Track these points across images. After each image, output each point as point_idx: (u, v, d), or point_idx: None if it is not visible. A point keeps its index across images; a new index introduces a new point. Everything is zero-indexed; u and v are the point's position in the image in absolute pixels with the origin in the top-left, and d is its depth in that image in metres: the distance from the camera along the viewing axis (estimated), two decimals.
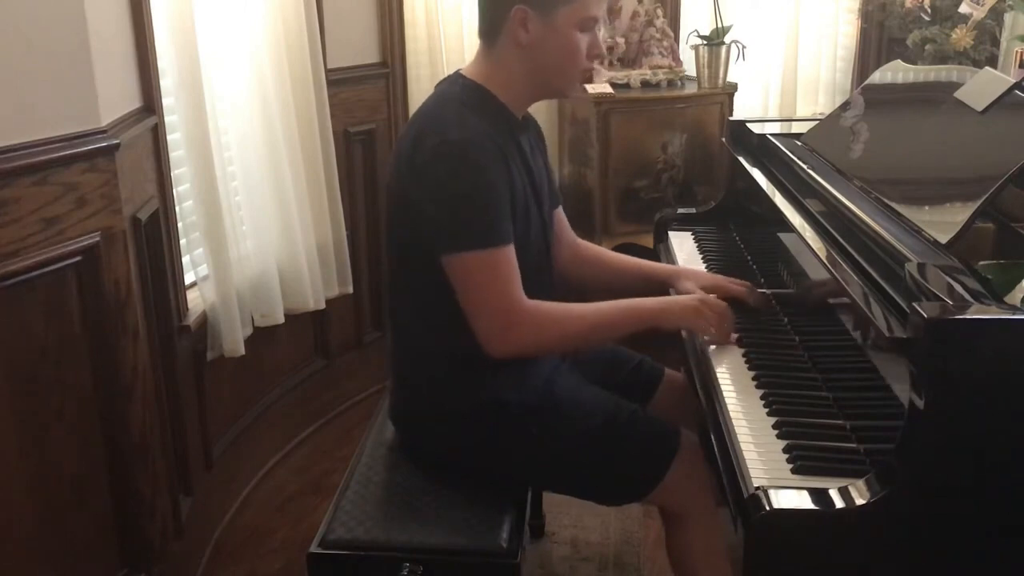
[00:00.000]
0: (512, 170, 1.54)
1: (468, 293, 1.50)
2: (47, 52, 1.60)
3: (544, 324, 1.54)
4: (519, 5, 1.51)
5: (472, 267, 1.48)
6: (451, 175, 1.47)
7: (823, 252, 1.45)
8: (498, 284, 1.49)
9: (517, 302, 1.50)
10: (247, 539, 2.35)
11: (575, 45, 1.55)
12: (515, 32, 1.53)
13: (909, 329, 1.11)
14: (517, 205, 1.54)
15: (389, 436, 1.75)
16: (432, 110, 1.58)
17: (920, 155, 1.61)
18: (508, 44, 1.55)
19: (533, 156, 1.67)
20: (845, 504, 1.12)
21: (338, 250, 2.71)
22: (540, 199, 1.65)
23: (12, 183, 1.53)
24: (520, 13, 1.52)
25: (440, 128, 1.50)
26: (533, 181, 1.63)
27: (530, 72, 1.57)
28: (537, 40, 1.53)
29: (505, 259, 1.49)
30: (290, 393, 2.74)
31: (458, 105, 1.54)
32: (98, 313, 1.72)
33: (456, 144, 1.47)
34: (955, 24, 2.82)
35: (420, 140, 1.51)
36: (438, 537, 1.49)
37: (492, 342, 1.51)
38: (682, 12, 3.50)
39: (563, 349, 1.67)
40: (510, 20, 1.53)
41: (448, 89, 1.60)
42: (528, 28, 1.52)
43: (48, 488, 1.67)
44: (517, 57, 1.56)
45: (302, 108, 2.49)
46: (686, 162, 3.25)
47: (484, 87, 1.58)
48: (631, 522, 2.33)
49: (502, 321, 1.50)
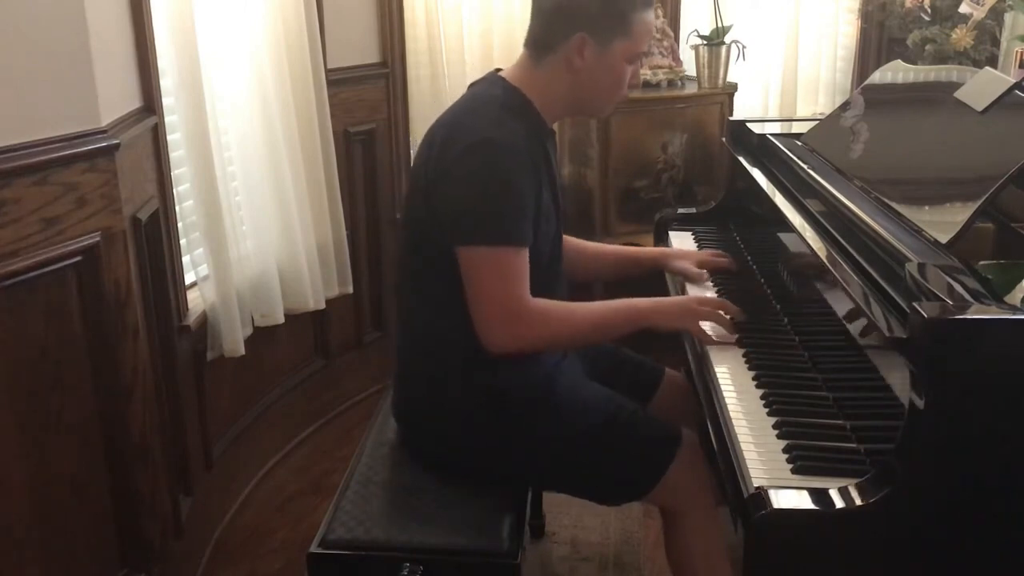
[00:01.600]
0: (541, 177, 1.57)
1: (475, 286, 1.52)
2: (47, 52, 1.60)
3: (544, 322, 1.56)
4: (582, 32, 1.55)
5: (484, 261, 1.50)
6: (482, 171, 1.50)
7: (823, 252, 1.45)
8: (506, 282, 1.51)
9: (522, 298, 1.52)
10: (247, 539, 2.35)
11: (622, 76, 1.62)
12: (570, 55, 1.57)
13: (909, 329, 1.11)
14: (541, 211, 1.57)
15: (390, 435, 1.75)
16: (470, 107, 1.60)
17: (920, 155, 1.61)
18: (559, 63, 1.59)
19: (555, 166, 1.70)
20: (845, 504, 1.12)
21: (338, 250, 2.71)
22: (558, 207, 1.68)
23: (12, 183, 1.53)
24: (580, 40, 1.56)
25: (479, 125, 1.53)
26: (555, 190, 1.66)
27: (573, 92, 1.62)
28: (589, 67, 1.58)
29: (518, 260, 1.51)
30: (290, 393, 2.74)
31: (498, 106, 1.57)
32: (98, 313, 1.72)
33: (492, 143, 1.50)
34: (955, 24, 2.82)
35: (457, 133, 1.54)
36: (438, 537, 1.49)
37: (492, 336, 1.53)
38: (682, 12, 3.50)
39: (562, 347, 1.70)
40: (568, 43, 1.56)
41: (488, 90, 1.62)
42: (584, 55, 1.57)
43: (48, 488, 1.67)
44: (565, 77, 1.60)
45: (302, 108, 2.49)
46: (686, 162, 3.25)
47: (524, 94, 1.61)
48: (631, 522, 2.33)
49: (504, 316, 1.52)
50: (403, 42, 2.99)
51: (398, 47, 2.98)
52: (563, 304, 1.61)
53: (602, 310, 1.62)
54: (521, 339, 1.54)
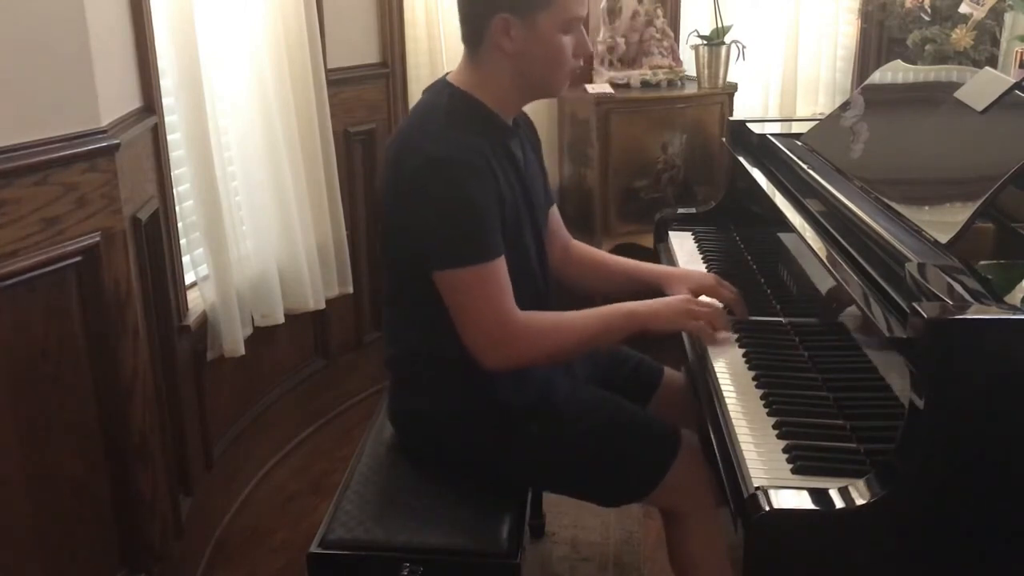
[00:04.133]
0: (500, 181, 1.52)
1: (460, 308, 1.49)
2: (47, 52, 1.60)
3: (537, 337, 1.53)
4: (500, 14, 1.50)
5: (462, 283, 1.47)
6: (435, 193, 1.46)
7: (823, 252, 1.45)
8: (489, 299, 1.48)
9: (509, 315, 1.49)
10: (247, 539, 2.35)
11: (560, 48, 1.54)
12: (499, 40, 1.52)
13: (909, 329, 1.10)
14: (507, 216, 1.53)
15: (389, 436, 1.75)
16: (416, 124, 1.56)
17: (920, 155, 1.61)
18: (493, 51, 1.54)
19: (526, 160, 1.65)
20: (845, 504, 1.12)
21: (338, 250, 2.71)
22: (533, 205, 1.64)
23: (12, 183, 1.53)
24: (502, 22, 1.51)
25: (423, 145, 1.48)
26: (525, 188, 1.62)
27: (518, 77, 1.56)
28: (522, 46, 1.52)
29: (495, 273, 1.48)
30: (290, 393, 2.74)
31: (443, 117, 1.52)
32: (98, 313, 1.72)
33: (440, 161, 1.46)
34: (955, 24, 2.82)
35: (404, 155, 1.50)
36: (438, 537, 1.49)
37: (486, 356, 1.50)
38: (682, 12, 3.51)
39: (557, 360, 1.65)
40: (492, 28, 1.52)
41: (434, 99, 1.58)
42: (512, 35, 1.51)
43: (48, 488, 1.67)
44: (503, 64, 1.55)
45: (302, 108, 2.49)
46: (686, 162, 3.25)
47: (472, 95, 1.56)
48: (631, 522, 2.33)
49: (495, 336, 1.49)
50: (403, 42, 2.99)
51: (398, 47, 2.98)
52: (554, 316, 1.57)
53: (596, 318, 1.58)
54: (514, 357, 1.51)
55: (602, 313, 1.59)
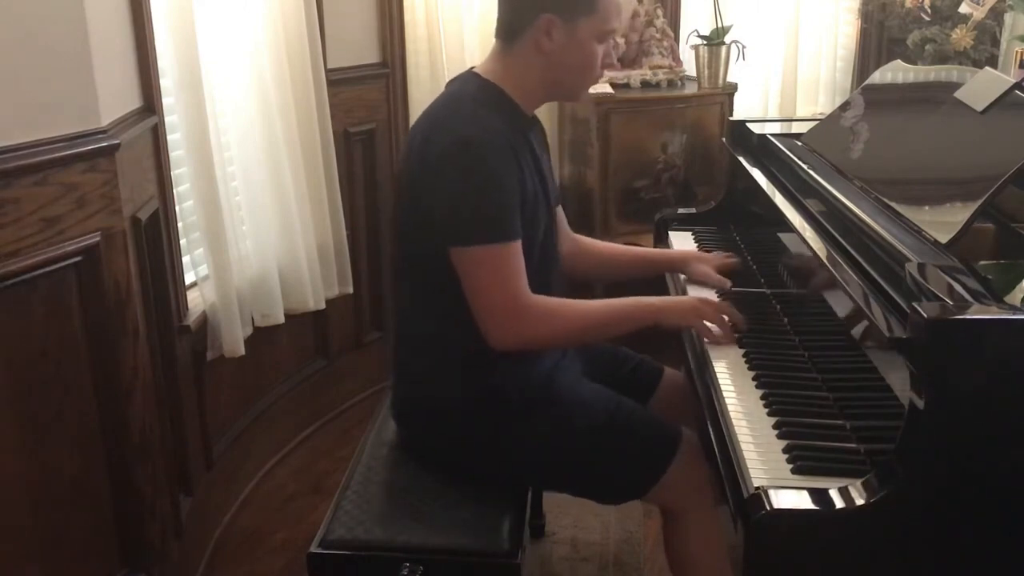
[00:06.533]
0: (524, 168, 1.56)
1: (474, 286, 1.52)
2: (47, 52, 1.60)
3: (547, 318, 1.56)
4: (548, 14, 1.54)
5: (480, 260, 1.51)
6: (464, 171, 1.49)
7: (823, 252, 1.45)
8: (504, 278, 1.51)
9: (522, 296, 1.53)
10: (247, 539, 2.35)
11: (592, 55, 1.60)
12: (538, 38, 1.56)
13: (909, 329, 1.10)
14: (527, 202, 1.56)
15: (389, 435, 1.75)
16: (446, 107, 1.60)
17: (920, 155, 1.61)
18: (528, 47, 1.58)
19: (541, 154, 1.69)
20: (845, 504, 1.11)
21: (338, 250, 2.71)
22: (548, 196, 1.68)
23: (12, 183, 1.53)
24: (547, 21, 1.55)
25: (454, 125, 1.53)
26: (543, 178, 1.66)
27: (546, 76, 1.61)
28: (559, 48, 1.57)
29: (512, 254, 1.51)
30: (290, 393, 2.74)
31: (472, 103, 1.57)
32: (98, 313, 1.72)
33: (470, 141, 1.50)
34: (955, 24, 2.82)
35: (434, 135, 1.54)
36: (438, 537, 1.49)
37: (495, 334, 1.53)
38: (682, 12, 3.51)
39: (565, 344, 1.70)
40: (535, 26, 1.56)
41: (462, 88, 1.62)
42: (552, 36, 1.56)
43: (48, 488, 1.67)
44: (536, 61, 1.59)
45: (302, 108, 2.49)
46: (686, 162, 3.25)
47: (498, 86, 1.61)
48: (631, 522, 2.33)
49: (506, 314, 1.52)
50: (403, 42, 2.99)
51: (398, 47, 2.98)
52: (566, 301, 1.61)
53: (606, 305, 1.63)
54: (524, 336, 1.54)
55: (613, 302, 1.63)
